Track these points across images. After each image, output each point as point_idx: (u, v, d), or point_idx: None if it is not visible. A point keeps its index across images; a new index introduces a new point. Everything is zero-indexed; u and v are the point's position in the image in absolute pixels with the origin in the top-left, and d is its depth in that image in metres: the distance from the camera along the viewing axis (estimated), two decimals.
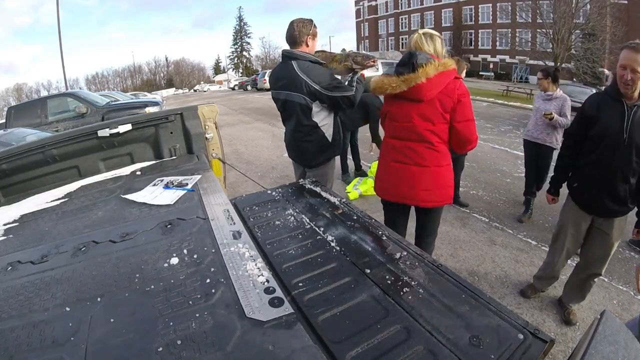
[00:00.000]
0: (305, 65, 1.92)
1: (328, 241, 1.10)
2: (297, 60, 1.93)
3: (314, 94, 1.91)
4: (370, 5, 41.02)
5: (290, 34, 1.97)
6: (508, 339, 0.70)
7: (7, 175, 1.83)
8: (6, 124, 7.17)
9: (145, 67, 63.83)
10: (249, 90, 24.93)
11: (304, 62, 1.92)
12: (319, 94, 1.91)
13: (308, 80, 1.89)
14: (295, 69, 1.91)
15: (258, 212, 1.35)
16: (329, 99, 1.93)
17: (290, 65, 1.93)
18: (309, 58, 1.95)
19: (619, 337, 0.65)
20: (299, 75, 1.90)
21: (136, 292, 0.86)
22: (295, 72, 1.90)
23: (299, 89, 1.91)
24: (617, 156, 1.66)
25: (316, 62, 1.96)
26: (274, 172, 4.73)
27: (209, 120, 2.24)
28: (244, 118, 10.30)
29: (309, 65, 1.92)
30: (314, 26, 2.00)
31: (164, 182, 1.60)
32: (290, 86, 1.95)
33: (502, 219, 3.45)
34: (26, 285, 0.94)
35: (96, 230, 1.22)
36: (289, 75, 1.94)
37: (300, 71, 1.90)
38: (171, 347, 0.68)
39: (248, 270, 0.90)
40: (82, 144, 1.95)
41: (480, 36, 31.21)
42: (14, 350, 0.72)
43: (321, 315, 0.78)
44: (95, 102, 7.70)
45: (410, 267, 0.96)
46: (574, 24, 18.49)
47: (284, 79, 1.98)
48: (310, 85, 1.89)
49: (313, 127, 1.99)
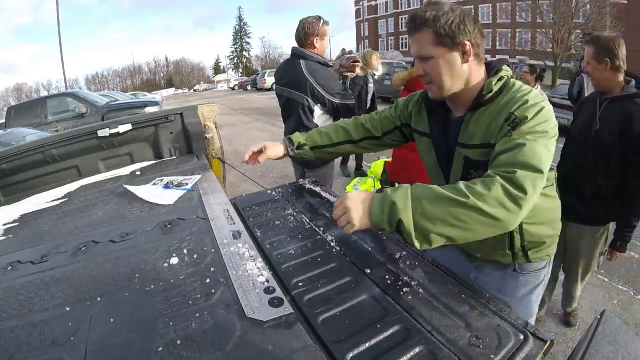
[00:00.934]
0: (313, 66, 1.91)
1: (328, 241, 1.10)
2: (305, 60, 1.92)
3: (317, 97, 1.91)
4: (370, 5, 41.04)
5: (297, 35, 1.97)
6: (508, 339, 0.70)
7: (7, 175, 1.83)
8: (6, 124, 7.18)
9: (145, 67, 63.98)
10: (249, 90, 24.94)
11: (312, 63, 1.92)
12: (322, 98, 1.91)
13: (314, 83, 1.89)
14: (303, 69, 1.90)
15: (258, 212, 1.35)
16: (331, 105, 1.93)
17: (298, 64, 1.92)
18: (318, 59, 1.94)
19: (619, 337, 0.65)
20: (305, 76, 1.89)
21: (136, 292, 0.86)
22: (301, 72, 1.90)
23: (303, 89, 1.91)
24: (584, 151, 1.64)
25: (325, 65, 1.96)
26: (274, 172, 4.73)
27: (209, 120, 2.24)
28: (244, 118, 10.30)
29: (316, 67, 1.92)
30: (322, 24, 1.96)
31: (164, 182, 1.60)
32: (294, 85, 1.95)
33: None
34: (26, 285, 0.94)
35: (96, 230, 1.22)
36: (295, 74, 1.93)
37: (307, 72, 1.90)
38: (171, 347, 0.68)
39: (248, 270, 0.90)
40: (82, 144, 1.95)
41: None
42: (14, 350, 0.72)
43: (321, 315, 0.78)
44: (95, 102, 7.71)
45: (410, 267, 0.96)
46: (574, 24, 18.51)
47: (289, 76, 1.97)
48: (315, 88, 1.89)
49: (313, 128, 1.99)
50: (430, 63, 0.92)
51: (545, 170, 0.78)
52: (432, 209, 0.74)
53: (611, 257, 1.73)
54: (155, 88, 53.37)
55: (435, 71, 0.92)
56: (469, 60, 0.91)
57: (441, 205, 0.74)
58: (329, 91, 1.90)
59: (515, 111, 0.84)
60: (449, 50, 0.89)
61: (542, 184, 0.77)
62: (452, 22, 0.88)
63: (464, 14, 0.90)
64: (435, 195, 0.75)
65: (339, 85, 1.97)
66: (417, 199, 0.75)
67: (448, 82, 0.92)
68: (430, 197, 0.75)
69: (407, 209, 0.74)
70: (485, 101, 0.91)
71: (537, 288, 1.08)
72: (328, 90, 1.90)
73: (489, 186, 0.73)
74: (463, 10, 0.91)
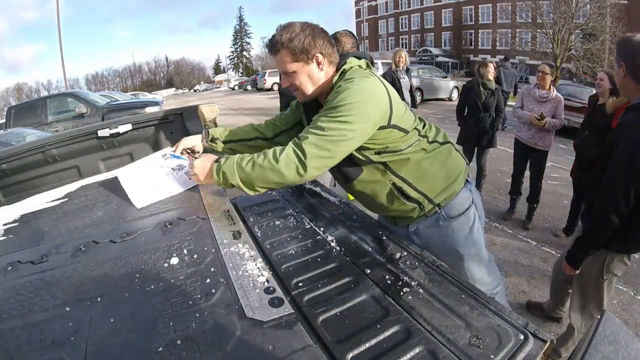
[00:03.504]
0: None
1: (328, 241, 1.10)
2: None
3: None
4: (370, 5, 41.03)
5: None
6: (508, 339, 0.70)
7: (7, 175, 1.83)
8: (6, 123, 7.19)
9: (145, 67, 63.97)
10: (249, 90, 24.93)
11: None
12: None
13: None
14: None
15: (258, 212, 1.35)
16: None
17: None
18: None
19: (619, 337, 0.65)
20: None
21: (136, 292, 0.86)
22: None
23: None
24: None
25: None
26: None
27: (209, 121, 2.24)
28: (244, 118, 10.30)
29: None
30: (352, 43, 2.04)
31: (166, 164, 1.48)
32: None
33: (502, 219, 3.45)
34: (26, 285, 0.94)
35: (96, 230, 1.22)
36: None
37: None
38: (171, 347, 0.68)
39: (248, 270, 0.90)
40: (82, 144, 1.95)
41: (480, 36, 31.21)
42: (14, 350, 0.72)
43: (321, 315, 0.78)
44: (95, 102, 7.71)
45: (410, 267, 0.96)
46: (574, 24, 18.47)
47: None
48: None
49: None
50: (293, 76, 1.13)
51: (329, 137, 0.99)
52: (251, 174, 1.03)
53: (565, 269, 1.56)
54: (155, 88, 53.34)
55: (298, 81, 1.14)
56: (323, 68, 1.13)
57: (255, 170, 1.02)
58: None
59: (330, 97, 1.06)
60: (305, 63, 1.11)
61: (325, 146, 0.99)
62: (303, 40, 1.08)
63: (313, 32, 1.10)
64: (252, 163, 1.03)
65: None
66: (240, 168, 1.04)
67: (310, 88, 1.15)
68: (248, 166, 1.03)
69: (234, 175, 1.04)
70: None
71: (473, 225, 1.23)
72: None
73: (284, 150, 1.01)
74: (312, 27, 1.11)
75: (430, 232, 1.23)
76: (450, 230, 1.21)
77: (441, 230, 1.22)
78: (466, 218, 1.22)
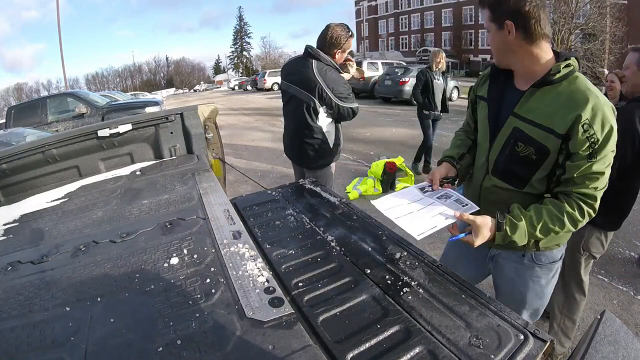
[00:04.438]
0: (324, 68, 1.92)
1: (328, 241, 1.10)
2: (317, 60, 1.93)
3: (324, 99, 1.91)
4: (370, 5, 41.03)
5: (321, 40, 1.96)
6: (508, 339, 0.70)
7: (7, 175, 1.83)
8: (6, 123, 7.18)
9: (145, 67, 63.98)
10: (249, 90, 24.93)
11: (323, 64, 1.92)
12: (329, 101, 1.91)
13: (323, 85, 1.89)
14: (313, 69, 1.90)
15: (258, 212, 1.35)
16: (337, 108, 1.94)
17: (309, 64, 1.92)
18: (330, 62, 1.95)
19: (619, 337, 0.65)
20: (315, 78, 1.89)
21: (136, 292, 0.86)
22: (312, 73, 1.90)
23: (311, 89, 1.91)
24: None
25: (335, 68, 1.97)
26: (274, 172, 4.73)
27: (209, 120, 2.24)
28: (244, 118, 10.30)
29: (327, 69, 1.92)
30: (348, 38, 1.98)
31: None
32: (302, 84, 1.95)
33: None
34: (26, 285, 0.94)
35: (96, 230, 1.22)
36: (304, 72, 1.93)
37: (317, 73, 1.90)
38: (171, 347, 0.68)
39: (248, 270, 0.90)
40: (82, 144, 1.95)
41: (480, 36, 31.20)
42: (14, 350, 0.72)
43: (321, 315, 0.78)
44: (95, 102, 7.70)
45: (410, 267, 0.96)
46: (574, 24, 18.50)
47: (298, 74, 1.97)
48: (324, 90, 1.89)
49: (317, 130, 1.99)
50: (488, 36, 1.05)
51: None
52: (542, 237, 1.00)
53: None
54: (155, 88, 53.37)
55: (490, 43, 1.06)
56: (513, 38, 0.98)
57: (549, 235, 0.99)
58: (336, 94, 1.91)
59: (593, 121, 0.91)
60: (498, 28, 1.00)
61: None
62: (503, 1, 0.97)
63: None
64: (547, 229, 0.97)
65: (346, 88, 1.98)
66: (532, 235, 0.98)
67: (497, 54, 1.05)
68: (541, 232, 0.98)
69: (521, 241, 0.98)
70: (551, 80, 0.97)
71: (551, 280, 1.16)
72: (336, 93, 1.91)
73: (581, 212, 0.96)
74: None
75: (508, 265, 1.16)
76: (529, 273, 1.14)
77: (521, 270, 1.14)
78: (549, 269, 1.14)
